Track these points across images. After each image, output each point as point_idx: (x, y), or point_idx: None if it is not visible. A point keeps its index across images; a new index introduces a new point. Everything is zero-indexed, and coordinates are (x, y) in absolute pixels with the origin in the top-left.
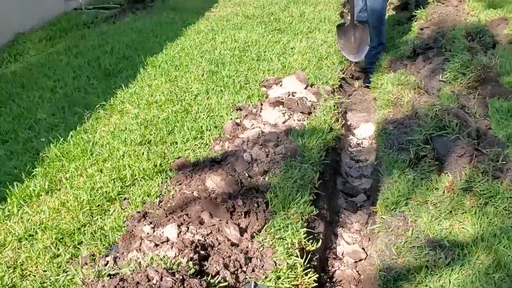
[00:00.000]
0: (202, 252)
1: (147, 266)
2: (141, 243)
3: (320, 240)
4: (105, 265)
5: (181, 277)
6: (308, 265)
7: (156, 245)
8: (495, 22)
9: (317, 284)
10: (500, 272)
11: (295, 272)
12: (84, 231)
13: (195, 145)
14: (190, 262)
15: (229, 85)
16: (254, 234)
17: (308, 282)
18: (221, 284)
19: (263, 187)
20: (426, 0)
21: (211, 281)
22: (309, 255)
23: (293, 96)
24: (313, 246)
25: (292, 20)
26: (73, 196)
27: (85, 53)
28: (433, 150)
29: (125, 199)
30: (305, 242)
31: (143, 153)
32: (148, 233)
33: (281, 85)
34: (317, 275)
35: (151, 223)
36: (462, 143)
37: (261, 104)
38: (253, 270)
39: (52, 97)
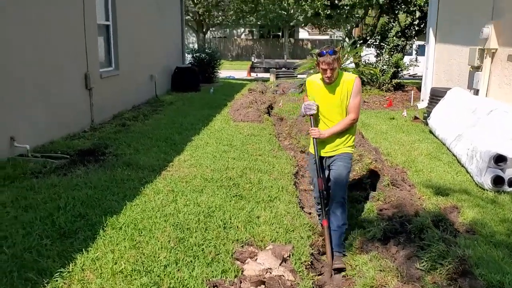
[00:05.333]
0: None
1: None
2: None
3: None
4: None
5: None
6: None
7: None
8: (447, 209)
9: None
10: None
11: None
12: None
13: None
14: None
15: (198, 255)
16: None
17: None
18: None
19: None
20: (381, 181)
21: None
22: None
23: (270, 272)
24: None
25: (252, 186)
26: None
27: (36, 207)
28: None
29: None
30: None
31: None
32: None
33: (256, 260)
34: None
35: None
36: None
37: (240, 282)
38: None
39: None
